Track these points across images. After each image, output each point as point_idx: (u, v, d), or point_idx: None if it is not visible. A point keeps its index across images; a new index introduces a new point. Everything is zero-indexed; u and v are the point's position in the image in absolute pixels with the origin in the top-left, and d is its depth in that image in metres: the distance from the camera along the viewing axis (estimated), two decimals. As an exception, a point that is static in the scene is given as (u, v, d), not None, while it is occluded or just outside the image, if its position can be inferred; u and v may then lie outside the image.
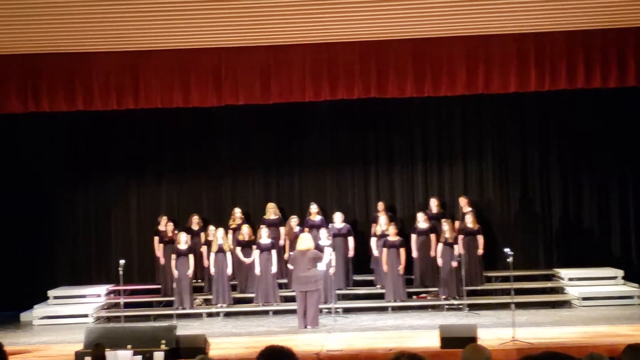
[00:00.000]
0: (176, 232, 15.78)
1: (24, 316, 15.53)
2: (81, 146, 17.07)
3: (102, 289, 16.10)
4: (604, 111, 16.22)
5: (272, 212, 16.11)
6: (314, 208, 15.92)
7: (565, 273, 15.67)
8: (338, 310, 14.69)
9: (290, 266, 14.39)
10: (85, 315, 15.05)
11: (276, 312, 14.92)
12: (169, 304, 15.35)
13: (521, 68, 12.91)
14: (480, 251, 15.43)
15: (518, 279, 14.70)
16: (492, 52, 12.98)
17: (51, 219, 17.01)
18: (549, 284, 15.83)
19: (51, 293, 15.81)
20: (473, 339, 10.15)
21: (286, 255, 15.44)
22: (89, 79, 13.19)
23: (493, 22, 12.18)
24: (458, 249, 15.01)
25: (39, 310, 15.38)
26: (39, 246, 16.79)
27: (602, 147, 16.46)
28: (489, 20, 12.07)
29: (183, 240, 15.28)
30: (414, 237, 15.57)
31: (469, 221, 15.44)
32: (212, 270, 15.26)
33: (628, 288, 15.11)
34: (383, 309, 14.92)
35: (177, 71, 13.23)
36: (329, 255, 14.11)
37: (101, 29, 11.85)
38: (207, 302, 15.55)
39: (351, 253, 15.68)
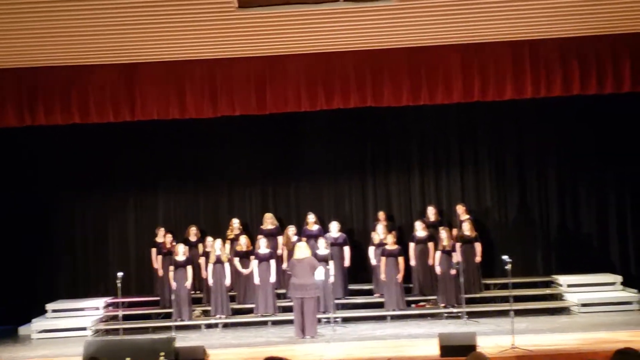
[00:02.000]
0: (174, 243, 15.78)
1: (23, 330, 15.51)
2: (78, 158, 17.03)
3: (101, 302, 16.06)
4: (601, 117, 16.22)
5: (269, 222, 16.11)
6: (311, 218, 15.92)
7: (563, 279, 15.66)
8: (337, 319, 14.68)
9: (289, 272, 14.38)
10: (84, 329, 15.03)
11: (275, 323, 14.91)
12: (167, 316, 15.32)
13: (517, 75, 12.92)
14: (478, 259, 15.43)
15: (516, 286, 14.68)
16: (487, 60, 12.97)
17: (48, 232, 17.00)
18: (547, 291, 15.83)
19: (49, 306, 15.78)
20: (472, 347, 10.14)
21: (284, 265, 15.43)
22: (84, 92, 13.18)
23: (487, 29, 12.19)
24: (456, 256, 15.00)
25: (38, 323, 15.35)
26: (37, 260, 16.78)
27: (600, 152, 16.46)
28: (483, 27, 12.08)
29: (181, 252, 15.27)
30: (412, 245, 15.57)
31: (467, 229, 15.44)
32: (210, 282, 15.24)
33: (627, 294, 15.11)
34: (382, 318, 14.91)
35: (173, 83, 13.22)
36: (325, 268, 14.13)
37: (96, 41, 11.84)
38: (205, 313, 15.52)
39: (347, 263, 15.66)
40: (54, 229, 17.07)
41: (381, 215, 16.22)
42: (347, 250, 15.66)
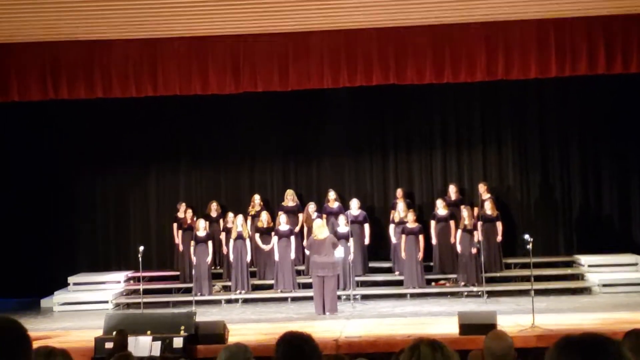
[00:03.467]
0: (195, 219, 15.82)
1: (45, 302, 15.63)
2: (100, 133, 17.07)
3: (122, 276, 16.18)
4: (625, 97, 16.06)
5: (290, 199, 16.12)
6: (332, 195, 15.91)
7: (585, 259, 15.60)
8: (356, 297, 14.71)
9: (307, 252, 14.43)
10: (105, 302, 15.16)
11: (294, 299, 14.96)
12: (187, 291, 15.40)
13: (541, 54, 12.84)
14: (499, 238, 15.36)
15: (537, 265, 14.61)
16: (512, 38, 12.90)
17: (71, 206, 17.10)
18: (568, 271, 15.78)
19: (71, 279, 15.92)
20: (492, 326, 10.10)
21: (305, 242, 15.47)
22: (107, 67, 13.24)
23: (512, 7, 12.10)
24: (477, 235, 14.95)
25: (59, 296, 15.49)
26: (59, 233, 16.89)
27: (622, 132, 16.32)
28: (508, 5, 12.00)
29: (202, 227, 15.32)
30: (433, 223, 15.53)
31: (488, 208, 15.37)
32: (231, 257, 15.28)
33: (648, 274, 15.04)
34: (402, 296, 14.92)
35: (195, 58, 13.25)
36: (345, 246, 14.13)
37: (119, 16, 11.87)
38: (225, 288, 15.59)
39: (367, 240, 15.65)
40: (76, 203, 17.16)
41: (399, 192, 16.16)
42: (367, 227, 15.64)
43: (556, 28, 12.74)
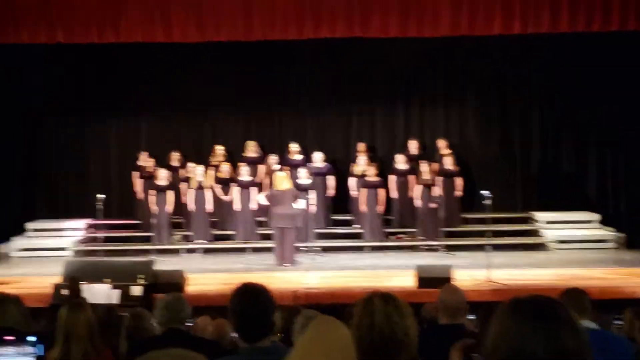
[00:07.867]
0: (156, 168, 15.76)
1: (2, 248, 15.51)
2: (61, 81, 16.85)
3: (81, 223, 16.09)
4: (586, 56, 16.14)
5: (252, 150, 16.09)
6: (294, 147, 15.91)
7: (541, 216, 15.81)
8: (316, 249, 14.79)
9: (266, 202, 14.42)
10: (64, 249, 15.08)
11: (255, 250, 15.01)
12: (147, 240, 15.38)
13: (505, 10, 12.88)
14: (459, 193, 15.50)
15: (495, 221, 14.78)
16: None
17: (30, 152, 16.91)
18: (525, 227, 15.98)
19: (30, 225, 15.80)
20: (448, 280, 10.26)
21: (265, 193, 15.49)
22: (69, 12, 13.05)
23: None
24: (437, 190, 15.06)
25: (17, 242, 15.38)
26: (17, 179, 16.72)
27: (582, 91, 16.42)
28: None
29: (163, 176, 15.27)
30: (392, 177, 15.60)
31: (448, 163, 15.47)
32: (192, 207, 15.26)
33: (604, 232, 15.29)
34: (361, 249, 15.04)
35: (159, 5, 13.12)
36: (306, 198, 14.14)
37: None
38: (186, 238, 15.59)
39: (331, 192, 15.70)
40: (37, 150, 16.97)
41: (361, 146, 16.20)
42: (332, 179, 15.67)
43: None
